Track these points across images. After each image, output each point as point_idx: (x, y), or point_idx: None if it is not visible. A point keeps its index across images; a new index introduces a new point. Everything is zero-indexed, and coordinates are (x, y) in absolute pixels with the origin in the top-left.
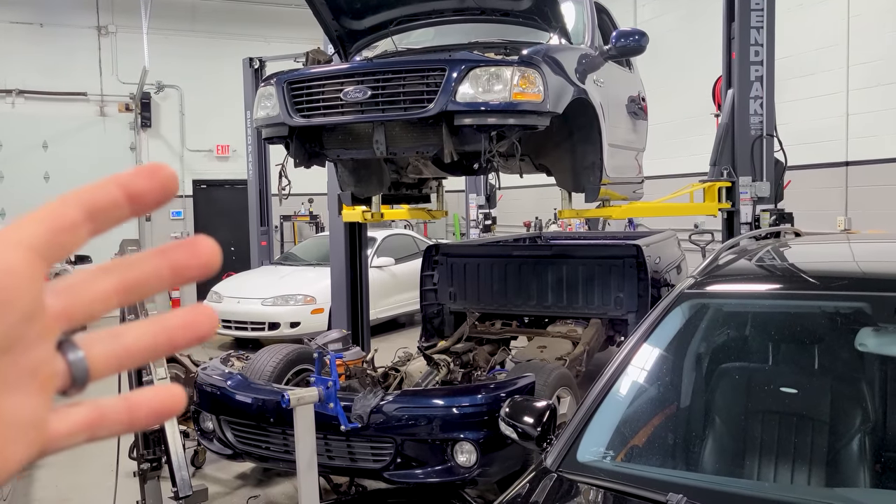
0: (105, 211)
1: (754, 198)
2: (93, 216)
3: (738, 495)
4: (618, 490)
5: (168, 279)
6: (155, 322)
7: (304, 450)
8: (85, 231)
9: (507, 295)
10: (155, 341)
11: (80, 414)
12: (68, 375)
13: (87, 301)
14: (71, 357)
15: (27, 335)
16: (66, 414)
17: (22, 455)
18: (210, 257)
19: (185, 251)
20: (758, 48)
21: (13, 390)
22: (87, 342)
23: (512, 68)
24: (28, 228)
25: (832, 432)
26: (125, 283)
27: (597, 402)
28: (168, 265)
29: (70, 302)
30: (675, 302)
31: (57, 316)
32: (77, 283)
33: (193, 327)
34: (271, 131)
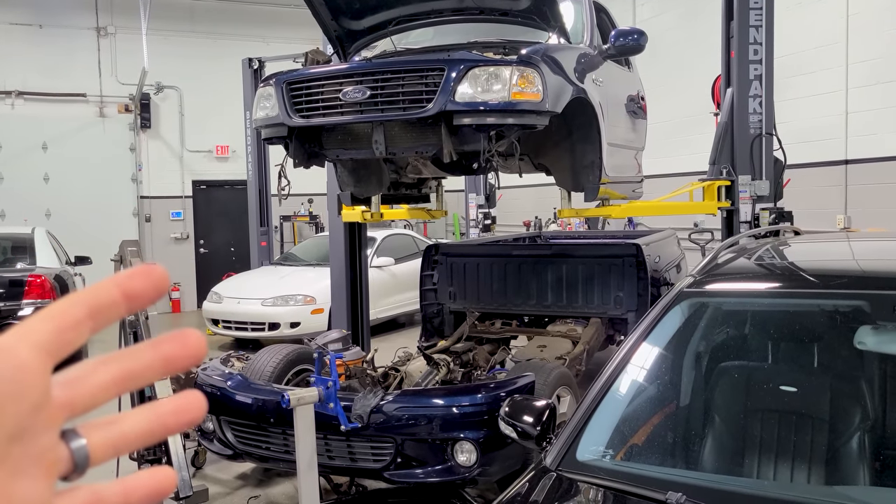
0: (105, 310)
1: (754, 196)
2: (94, 315)
3: (737, 494)
4: (617, 489)
5: (160, 370)
6: (149, 409)
7: (305, 450)
8: (87, 328)
9: (507, 294)
10: (149, 428)
11: (80, 499)
12: (70, 462)
13: (89, 392)
14: (73, 445)
15: (35, 424)
16: (67, 498)
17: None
18: (197, 350)
19: (175, 345)
20: (757, 47)
21: (22, 475)
22: (87, 430)
23: (511, 68)
24: (37, 328)
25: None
26: (122, 375)
27: (596, 401)
28: (160, 358)
29: (73, 393)
30: (675, 301)
31: (61, 406)
32: (79, 375)
33: (184, 413)
34: (270, 132)
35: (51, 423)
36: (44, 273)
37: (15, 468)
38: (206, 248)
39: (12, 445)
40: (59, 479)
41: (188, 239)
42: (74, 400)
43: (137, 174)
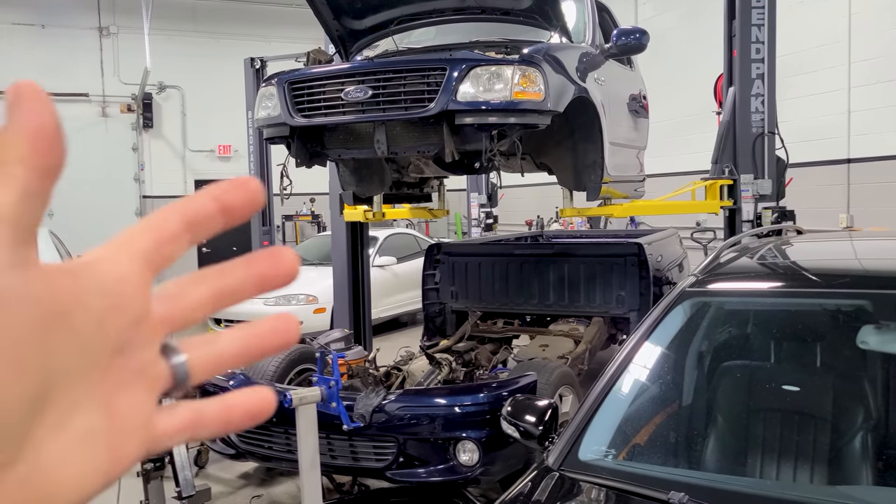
0: (202, 222)
1: (756, 195)
2: (191, 227)
3: (740, 493)
4: (619, 489)
5: (255, 288)
6: (246, 328)
7: (307, 449)
8: (185, 241)
9: (509, 294)
10: (247, 346)
11: (182, 415)
12: (171, 378)
13: (187, 308)
14: (174, 360)
15: (136, 338)
16: (170, 414)
17: (135, 451)
18: (291, 267)
19: (269, 262)
20: (759, 46)
21: (126, 389)
22: (186, 347)
23: (513, 67)
24: (136, 239)
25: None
26: (218, 291)
27: (598, 401)
28: (255, 275)
29: (172, 308)
30: (677, 300)
31: (161, 321)
32: (176, 291)
33: (281, 334)
34: (272, 131)
35: (151, 337)
36: None
37: (119, 381)
38: (209, 248)
39: (115, 358)
40: (160, 394)
41: None
42: (174, 315)
43: (140, 174)
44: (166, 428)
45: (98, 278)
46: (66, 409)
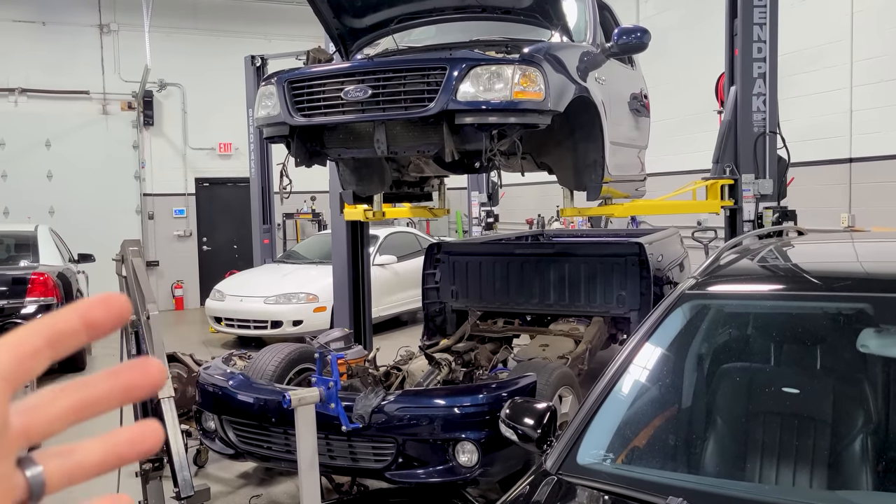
0: (65, 338)
1: (757, 195)
2: (53, 344)
3: (737, 498)
4: (617, 493)
5: (119, 399)
6: (105, 440)
7: (306, 450)
8: (46, 357)
9: (510, 293)
10: (105, 458)
11: None
12: (26, 490)
13: (46, 421)
14: (29, 473)
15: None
16: None
17: None
18: (158, 378)
19: (135, 373)
20: (760, 45)
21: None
22: (44, 458)
23: (513, 67)
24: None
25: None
26: (80, 403)
27: (597, 404)
28: (120, 387)
29: (31, 421)
30: (676, 302)
31: (19, 434)
32: (37, 403)
33: (140, 443)
34: (272, 130)
35: (8, 450)
36: (47, 271)
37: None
38: (209, 246)
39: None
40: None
41: (191, 236)
42: (32, 428)
43: (140, 172)
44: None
45: None
46: None
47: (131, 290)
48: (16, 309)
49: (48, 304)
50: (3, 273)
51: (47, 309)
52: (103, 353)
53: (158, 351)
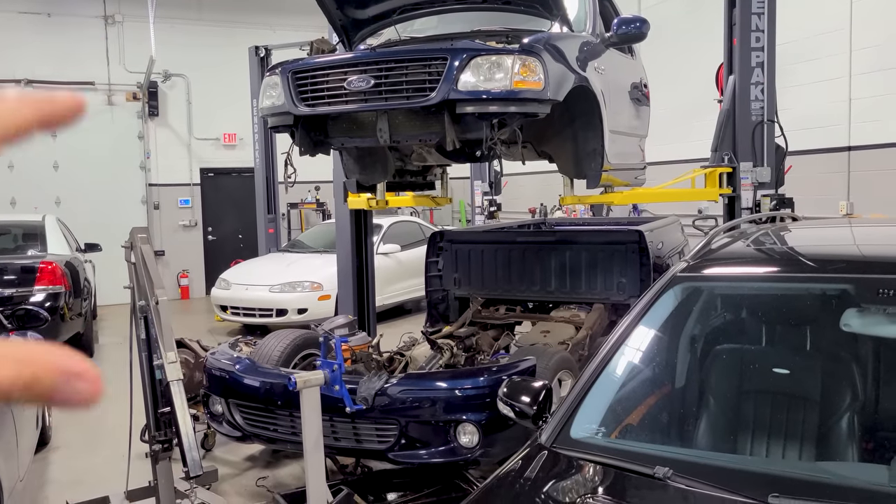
0: None
1: (755, 183)
2: None
3: (723, 468)
4: (608, 464)
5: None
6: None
7: (311, 431)
8: None
9: (512, 280)
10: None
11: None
12: None
13: None
14: None
15: None
16: None
17: None
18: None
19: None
20: (759, 34)
21: None
22: None
23: (513, 56)
24: None
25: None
26: None
27: (590, 382)
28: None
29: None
30: (668, 285)
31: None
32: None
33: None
34: (276, 120)
35: None
36: (55, 260)
37: None
38: (214, 236)
39: None
40: None
41: (196, 226)
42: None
43: (146, 162)
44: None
45: None
46: None
47: (140, 277)
48: (24, 297)
49: (56, 293)
50: (11, 262)
51: (55, 298)
52: (111, 341)
53: (167, 336)
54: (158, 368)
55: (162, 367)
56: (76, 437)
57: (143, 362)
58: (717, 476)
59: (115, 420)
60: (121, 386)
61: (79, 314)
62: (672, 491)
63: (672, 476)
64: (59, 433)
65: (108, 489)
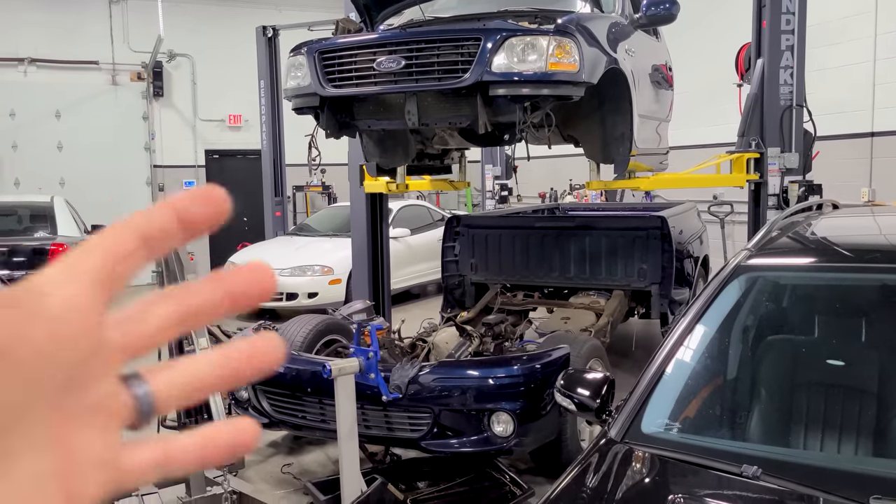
0: (159, 238)
1: (783, 169)
2: (148, 244)
3: (813, 467)
4: (689, 462)
5: (226, 307)
6: (219, 353)
7: (345, 419)
8: (141, 258)
9: (530, 266)
10: (220, 373)
11: (152, 451)
12: (135, 410)
13: (148, 332)
14: (137, 391)
15: (91, 370)
16: (137, 450)
17: (97, 493)
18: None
19: (243, 278)
20: (789, 17)
21: (82, 426)
22: (150, 375)
23: (548, 38)
24: (87, 260)
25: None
26: (183, 313)
27: (658, 374)
28: (227, 292)
29: (130, 333)
30: (732, 275)
31: (119, 348)
32: (136, 313)
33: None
34: (301, 101)
35: (109, 366)
36: (65, 242)
37: (72, 418)
38: None
39: (66, 393)
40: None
41: None
42: (132, 341)
43: (150, 143)
44: (134, 465)
45: (42, 305)
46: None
47: (169, 262)
48: None
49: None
50: (22, 244)
51: None
52: None
53: None
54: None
55: (193, 352)
56: None
57: (173, 348)
58: (809, 475)
59: None
60: None
61: None
62: (763, 491)
63: (761, 475)
64: None
65: None
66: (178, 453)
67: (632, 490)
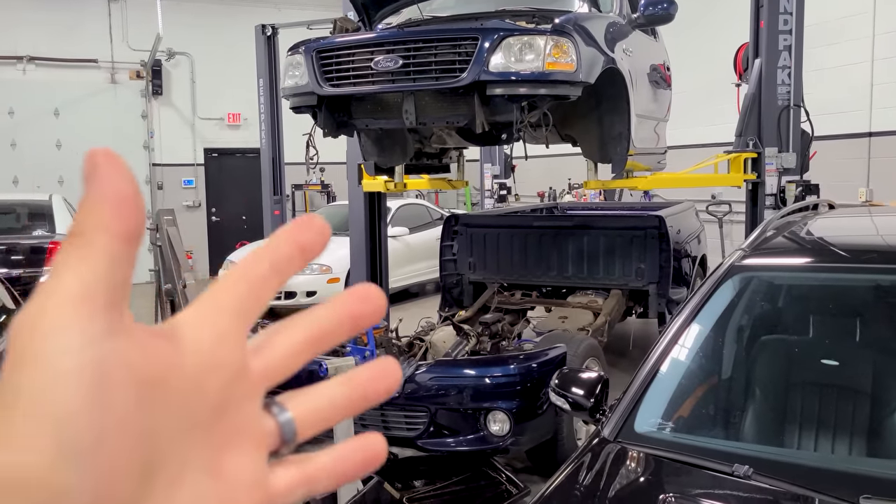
0: (286, 264)
1: (780, 169)
2: (277, 271)
3: (806, 467)
4: (682, 461)
5: (349, 329)
6: (345, 379)
7: None
8: (274, 285)
9: (528, 265)
10: (350, 397)
11: (294, 472)
12: (279, 436)
13: (282, 358)
14: (281, 418)
15: (237, 396)
16: (282, 472)
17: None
18: (381, 304)
19: (358, 301)
20: (787, 17)
21: (232, 449)
22: (289, 402)
23: (545, 37)
24: (226, 292)
25: None
26: (313, 338)
27: (651, 373)
28: (347, 315)
29: (268, 360)
30: (726, 275)
31: (259, 376)
32: (267, 341)
33: (382, 380)
34: (299, 101)
35: (252, 393)
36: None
37: (224, 441)
38: (218, 217)
39: (217, 418)
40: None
41: (200, 207)
42: (270, 368)
43: (149, 141)
44: (280, 486)
45: (191, 337)
46: (173, 476)
47: (166, 260)
48: (34, 277)
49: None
50: (20, 242)
51: None
52: None
53: None
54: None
55: None
56: None
57: None
58: (800, 475)
59: None
60: None
61: None
62: (755, 490)
63: (753, 475)
64: None
65: None
66: (317, 472)
67: (624, 489)
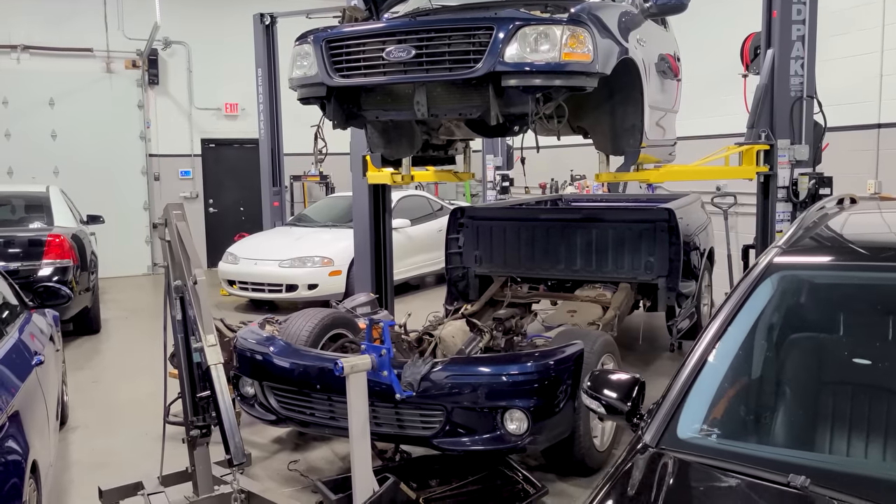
0: None
1: (793, 161)
2: None
3: (864, 477)
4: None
5: None
6: None
7: (357, 417)
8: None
9: (535, 259)
10: None
11: None
12: None
13: None
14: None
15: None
16: None
17: None
18: None
19: None
20: (800, 6)
21: None
22: None
23: (562, 27)
24: None
25: None
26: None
27: (692, 376)
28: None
29: None
30: (764, 274)
31: None
32: None
33: None
34: (307, 91)
35: None
36: (62, 232)
37: None
38: (215, 208)
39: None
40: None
41: (197, 198)
42: None
43: (145, 132)
44: None
45: None
46: None
47: (176, 255)
48: (32, 271)
49: (64, 267)
50: (18, 235)
51: (63, 272)
52: (116, 315)
53: (206, 316)
54: (197, 352)
55: (201, 350)
56: (93, 415)
57: (180, 344)
58: (864, 487)
59: (129, 397)
60: (132, 362)
61: (87, 289)
62: (815, 503)
63: (810, 486)
64: (74, 412)
65: (137, 473)
66: None
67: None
